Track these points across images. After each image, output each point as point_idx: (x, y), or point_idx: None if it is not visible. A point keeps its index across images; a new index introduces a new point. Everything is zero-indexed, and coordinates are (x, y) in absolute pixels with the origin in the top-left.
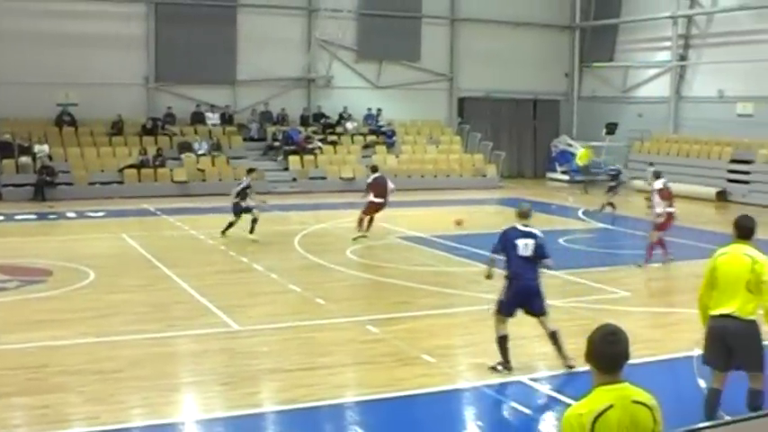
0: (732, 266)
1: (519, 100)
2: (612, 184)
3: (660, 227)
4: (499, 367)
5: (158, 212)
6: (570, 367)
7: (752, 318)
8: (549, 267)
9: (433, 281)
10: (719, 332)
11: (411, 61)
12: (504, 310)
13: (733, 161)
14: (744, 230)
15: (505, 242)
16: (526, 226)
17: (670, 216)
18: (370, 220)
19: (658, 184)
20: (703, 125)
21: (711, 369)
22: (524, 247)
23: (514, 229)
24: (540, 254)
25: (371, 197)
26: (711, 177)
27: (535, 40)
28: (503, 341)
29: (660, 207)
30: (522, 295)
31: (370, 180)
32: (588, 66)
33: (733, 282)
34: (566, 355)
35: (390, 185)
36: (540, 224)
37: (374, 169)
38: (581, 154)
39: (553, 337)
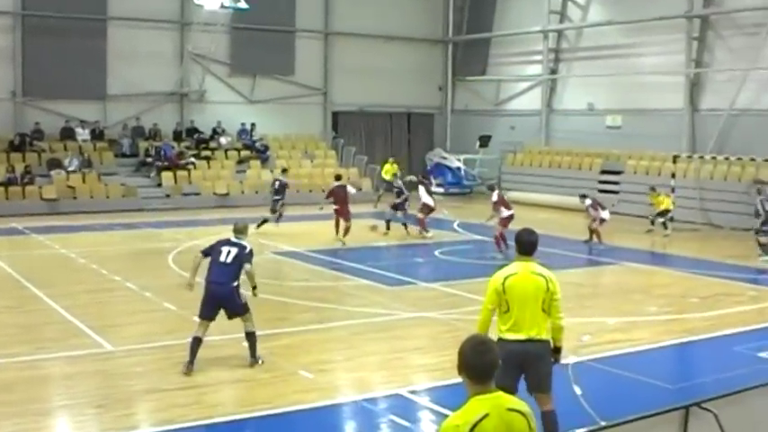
0: (526, 287)
1: (393, 113)
2: (398, 200)
3: (503, 223)
4: (183, 369)
5: (27, 231)
6: (254, 366)
7: (547, 338)
8: (248, 272)
9: (308, 296)
10: (520, 357)
11: (285, 75)
12: (202, 312)
13: (603, 172)
14: (527, 246)
15: (212, 249)
16: (239, 239)
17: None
18: (336, 226)
19: (495, 196)
20: (574, 137)
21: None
22: (227, 254)
23: (228, 240)
24: (240, 260)
25: (333, 205)
26: (582, 188)
27: (408, 54)
28: (194, 342)
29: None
30: (217, 298)
31: (330, 188)
32: (461, 79)
33: (531, 304)
34: (255, 356)
35: (351, 190)
36: (416, 237)
37: (337, 177)
38: (386, 168)
39: (248, 336)
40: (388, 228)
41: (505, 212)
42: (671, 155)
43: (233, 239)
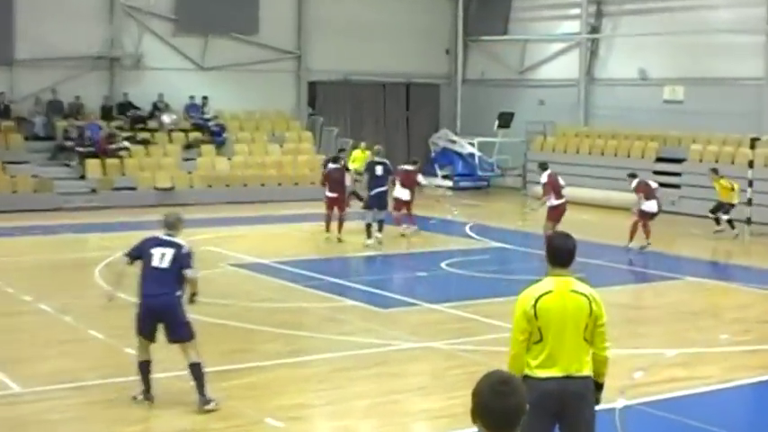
0: (564, 310)
1: (388, 84)
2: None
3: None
4: (139, 396)
5: None
6: (207, 411)
7: (589, 373)
8: (191, 280)
9: (278, 321)
10: (556, 400)
11: (247, 35)
12: (139, 329)
13: (660, 159)
14: (563, 255)
15: (140, 251)
16: (171, 236)
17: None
18: (328, 221)
19: (544, 177)
20: (622, 115)
21: None
22: (161, 257)
23: (156, 238)
24: (180, 266)
25: (326, 191)
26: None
27: (408, 8)
28: (143, 367)
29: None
30: (156, 312)
31: (325, 170)
32: (476, 40)
33: (571, 331)
34: (205, 395)
35: (347, 181)
36: (417, 244)
37: (334, 160)
38: (354, 156)
39: (193, 369)
40: (368, 235)
41: (554, 200)
42: (748, 137)
43: (164, 237)
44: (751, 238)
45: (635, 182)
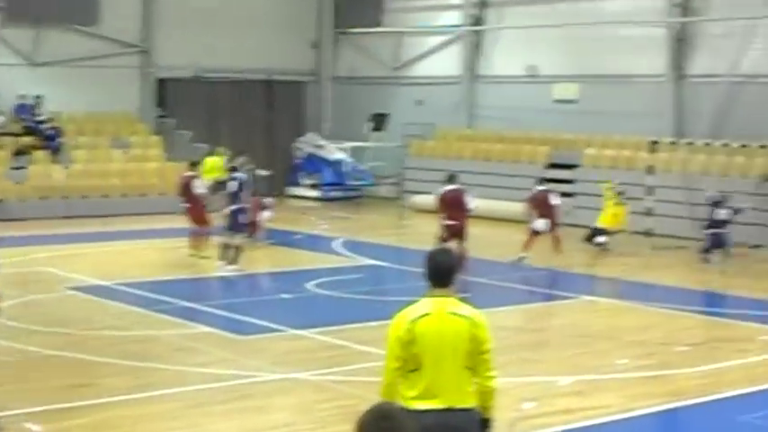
0: (443, 335)
1: (246, 81)
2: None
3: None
4: None
5: None
6: None
7: (473, 405)
8: None
9: (123, 351)
10: None
11: (85, 25)
12: None
13: (551, 165)
14: (442, 273)
15: None
16: None
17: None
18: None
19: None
20: (509, 116)
21: None
22: None
23: None
24: None
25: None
26: (521, 189)
27: None
28: None
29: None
30: None
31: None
32: (345, 32)
33: (450, 358)
34: None
35: (200, 188)
36: (280, 262)
37: (192, 165)
38: (209, 165)
39: None
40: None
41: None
42: (647, 140)
43: None
44: (652, 252)
45: (531, 193)
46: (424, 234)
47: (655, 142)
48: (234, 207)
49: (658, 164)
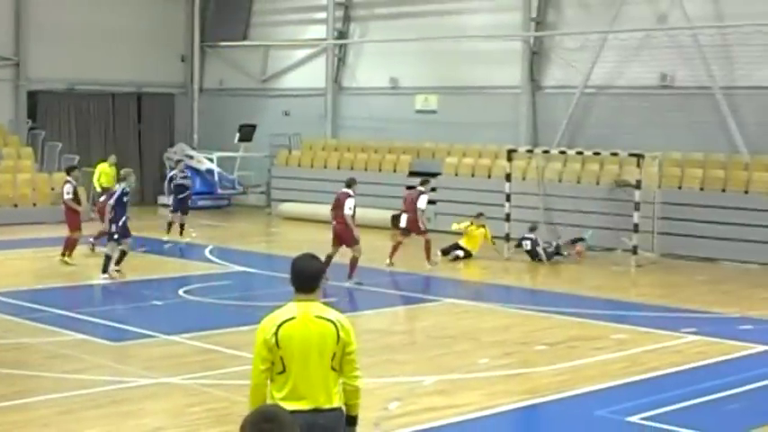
0: (308, 338)
1: (117, 94)
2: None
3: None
4: None
5: None
6: None
7: (339, 405)
8: None
9: None
10: None
11: None
12: None
13: (413, 174)
14: (306, 278)
15: None
16: None
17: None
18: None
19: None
20: (372, 126)
21: None
22: None
23: None
24: None
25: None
26: (385, 197)
27: (139, 12)
28: None
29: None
30: None
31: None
32: (213, 46)
33: (316, 360)
34: None
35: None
36: (152, 269)
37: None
38: (102, 170)
39: None
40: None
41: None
42: (505, 149)
43: None
44: (510, 256)
45: (423, 189)
46: (292, 241)
47: (512, 151)
48: (119, 215)
49: (515, 172)
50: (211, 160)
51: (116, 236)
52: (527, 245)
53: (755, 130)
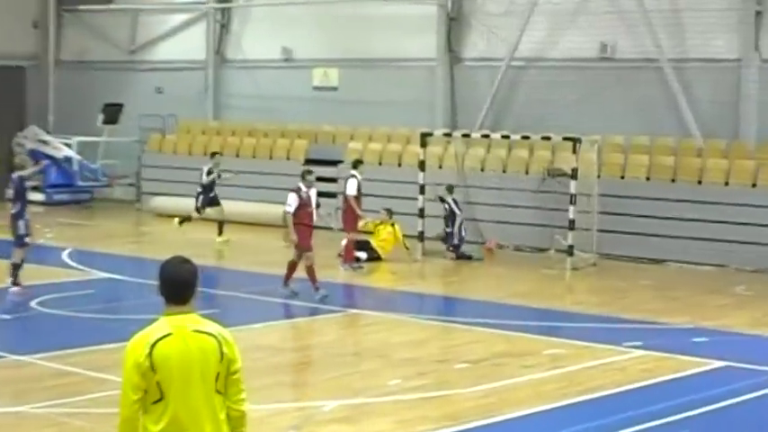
0: (189, 357)
1: None
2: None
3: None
4: None
5: None
6: None
7: None
8: None
9: None
10: None
11: None
12: None
13: (310, 161)
14: (180, 287)
15: None
16: None
17: None
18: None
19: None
20: (262, 106)
21: None
22: None
23: None
24: None
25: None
26: (275, 189)
27: None
28: None
29: None
30: None
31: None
32: (73, 10)
33: (197, 383)
34: None
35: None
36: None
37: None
38: None
39: None
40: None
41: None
42: (418, 132)
43: None
44: (423, 258)
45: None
46: (167, 243)
47: (427, 134)
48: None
49: (430, 159)
50: (70, 146)
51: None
52: (446, 209)
53: (709, 110)
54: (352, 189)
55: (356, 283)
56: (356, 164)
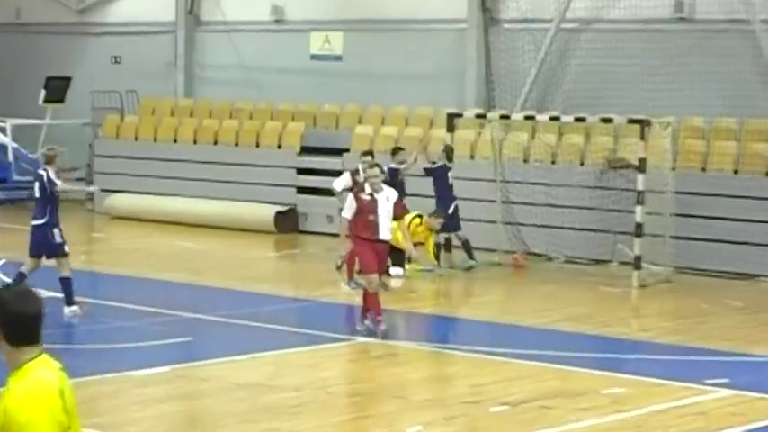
0: (39, 404)
1: None
2: None
3: None
4: None
5: None
6: None
7: None
8: None
9: None
10: None
11: None
12: None
13: (306, 150)
14: (35, 324)
15: None
16: None
17: None
18: None
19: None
20: (246, 80)
21: None
22: None
23: None
24: None
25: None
26: (265, 185)
27: None
28: None
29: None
30: None
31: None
32: None
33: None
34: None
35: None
36: None
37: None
38: None
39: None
40: None
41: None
42: (443, 113)
43: None
44: (450, 272)
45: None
46: (125, 252)
47: (455, 116)
48: None
49: (459, 147)
50: (3, 131)
51: None
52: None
53: None
54: (338, 184)
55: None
56: (365, 155)
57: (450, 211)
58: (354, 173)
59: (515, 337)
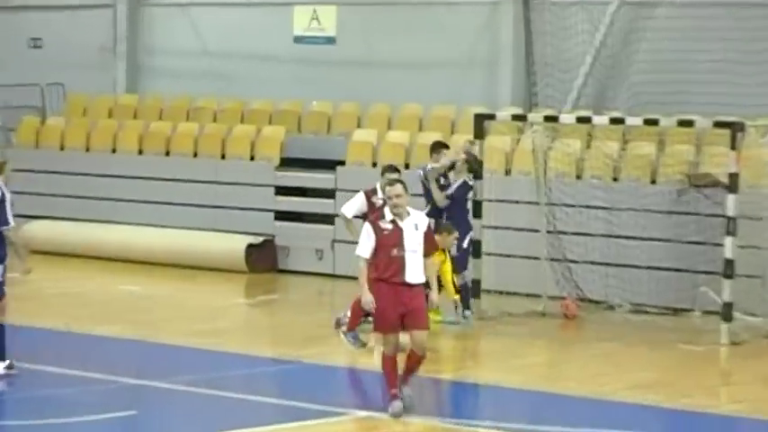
0: None
1: None
2: None
3: None
4: None
5: None
6: None
7: None
8: None
9: None
10: None
11: None
12: None
13: (286, 163)
14: None
15: None
16: None
17: None
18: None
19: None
20: (208, 69)
21: None
22: None
23: None
24: None
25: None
26: (237, 209)
27: None
28: None
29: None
30: None
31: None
32: None
33: None
34: None
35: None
36: None
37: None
38: None
39: None
40: None
41: None
42: (470, 113)
43: None
44: (478, 323)
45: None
46: (49, 297)
47: (485, 117)
48: None
49: (492, 158)
50: None
51: None
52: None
53: None
54: (348, 210)
55: (367, 367)
56: (389, 170)
57: (465, 244)
58: (371, 193)
59: (566, 409)
